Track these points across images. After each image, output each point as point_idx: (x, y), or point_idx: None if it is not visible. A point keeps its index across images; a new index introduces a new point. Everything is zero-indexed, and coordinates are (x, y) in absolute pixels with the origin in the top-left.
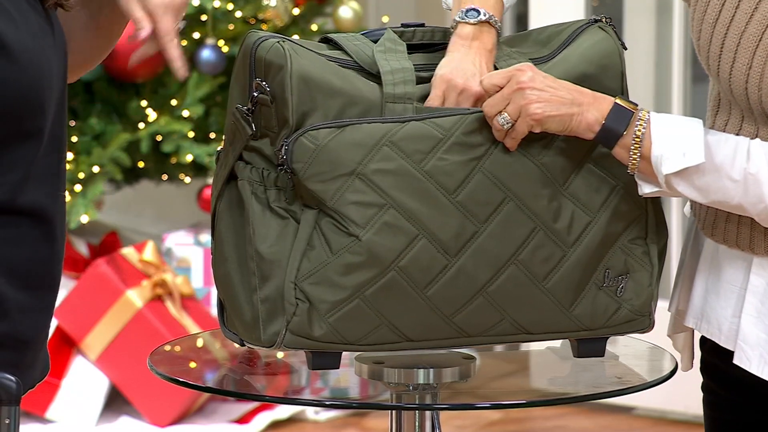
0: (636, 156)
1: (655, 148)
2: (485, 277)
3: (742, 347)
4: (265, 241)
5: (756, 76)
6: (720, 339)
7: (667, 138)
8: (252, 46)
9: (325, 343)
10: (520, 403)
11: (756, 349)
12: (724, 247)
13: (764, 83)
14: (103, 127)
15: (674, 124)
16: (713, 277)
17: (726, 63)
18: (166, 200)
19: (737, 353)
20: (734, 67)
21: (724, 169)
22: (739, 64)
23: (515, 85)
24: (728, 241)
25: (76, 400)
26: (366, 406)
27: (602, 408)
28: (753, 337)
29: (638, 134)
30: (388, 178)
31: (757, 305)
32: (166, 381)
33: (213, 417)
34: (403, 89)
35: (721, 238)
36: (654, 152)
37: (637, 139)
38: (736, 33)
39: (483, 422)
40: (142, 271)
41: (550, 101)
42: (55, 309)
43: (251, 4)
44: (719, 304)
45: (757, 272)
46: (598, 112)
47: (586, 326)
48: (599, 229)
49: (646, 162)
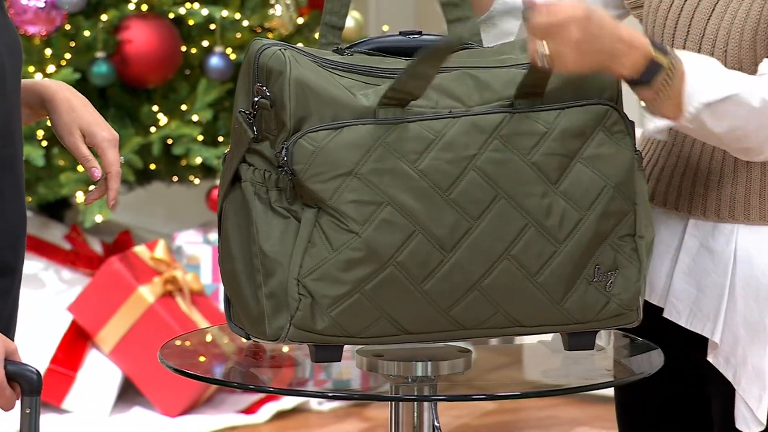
0: (663, 98)
1: (689, 84)
2: (479, 271)
3: (672, 302)
4: (269, 239)
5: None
6: (652, 297)
7: (699, 75)
8: (255, 53)
9: (327, 336)
10: (513, 394)
11: (685, 303)
12: (662, 210)
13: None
14: (117, 130)
15: (702, 62)
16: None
17: (680, 38)
18: (177, 201)
19: (667, 308)
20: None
21: (745, 98)
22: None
23: (563, 29)
24: (667, 204)
25: (90, 391)
26: (367, 397)
27: (592, 399)
28: (683, 293)
29: (666, 80)
30: (384, 177)
31: (689, 263)
32: (176, 374)
33: (221, 407)
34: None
35: (660, 202)
36: (687, 89)
37: (666, 82)
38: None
39: (478, 412)
40: (153, 268)
41: (589, 54)
42: (71, 304)
43: (258, 14)
44: (654, 265)
45: (692, 233)
46: (631, 65)
47: (577, 320)
48: (589, 226)
49: (671, 102)
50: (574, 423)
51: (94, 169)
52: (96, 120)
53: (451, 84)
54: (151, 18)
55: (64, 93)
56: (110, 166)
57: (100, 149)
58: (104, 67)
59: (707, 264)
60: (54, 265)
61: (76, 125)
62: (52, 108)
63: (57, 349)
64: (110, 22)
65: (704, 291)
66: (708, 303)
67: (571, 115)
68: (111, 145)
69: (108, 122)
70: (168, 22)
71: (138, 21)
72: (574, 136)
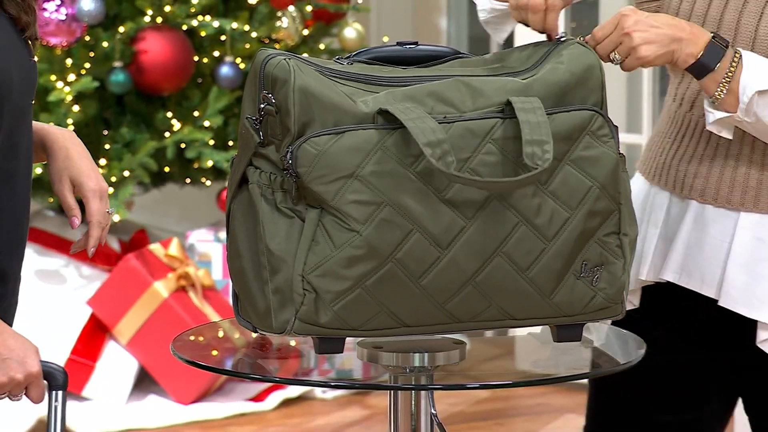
0: (723, 89)
1: (744, 75)
2: (473, 267)
3: (728, 292)
4: (275, 238)
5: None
6: (702, 288)
7: (754, 65)
8: (261, 63)
9: (330, 329)
10: (506, 383)
11: (740, 292)
12: (712, 207)
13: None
14: (133, 135)
15: (755, 55)
16: (697, 234)
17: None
18: (189, 201)
19: (722, 298)
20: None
21: None
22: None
23: (622, 30)
24: (718, 201)
25: (109, 380)
26: (367, 386)
27: (580, 387)
28: (739, 283)
29: (730, 72)
30: (383, 179)
31: (743, 254)
32: (188, 365)
33: (231, 395)
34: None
35: (711, 199)
36: (742, 79)
37: (729, 74)
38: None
39: (473, 400)
40: (167, 264)
41: (655, 41)
42: (90, 299)
43: (265, 26)
44: (702, 257)
45: (743, 226)
46: (694, 47)
47: (565, 313)
48: (577, 224)
49: (730, 93)
50: (563, 410)
51: (73, 219)
52: (86, 171)
53: (445, 91)
54: (166, 30)
55: (64, 142)
56: (91, 216)
57: (85, 199)
58: (121, 76)
59: (762, 254)
60: (74, 262)
61: (67, 174)
62: (49, 155)
63: (77, 340)
64: (127, 34)
65: (760, 280)
66: (764, 290)
67: (558, 120)
68: (95, 196)
69: (124, 128)
70: (181, 34)
71: (153, 32)
72: (562, 139)
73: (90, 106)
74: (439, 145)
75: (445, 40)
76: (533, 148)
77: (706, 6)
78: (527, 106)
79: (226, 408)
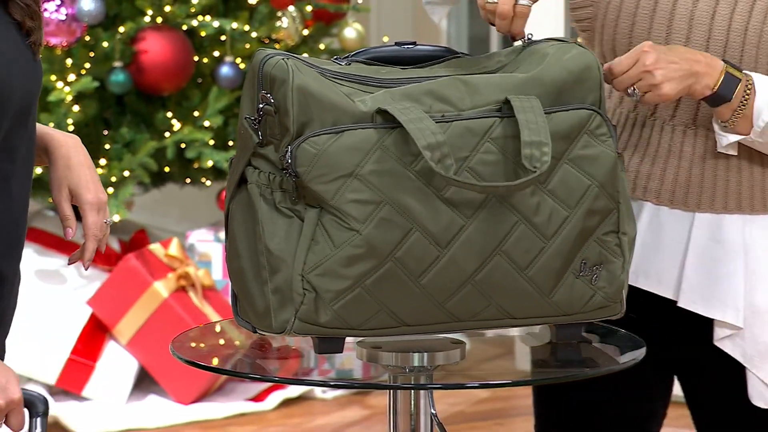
0: (739, 116)
1: (758, 99)
2: (473, 266)
3: (686, 293)
4: (274, 238)
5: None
6: (659, 289)
7: (766, 89)
8: (260, 63)
9: (330, 328)
10: (506, 382)
11: (699, 293)
12: (667, 208)
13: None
14: (133, 135)
15: (766, 78)
16: (652, 236)
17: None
18: (189, 201)
19: (682, 299)
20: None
21: None
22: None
23: (642, 67)
24: (674, 202)
25: (109, 380)
26: (367, 386)
27: None
28: (697, 283)
29: (745, 100)
30: (383, 178)
31: (700, 255)
32: (188, 365)
33: (231, 395)
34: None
35: (667, 200)
36: (757, 103)
37: (744, 102)
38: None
39: (473, 400)
40: (167, 264)
41: (675, 78)
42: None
43: (265, 26)
44: (658, 258)
45: (699, 227)
46: (711, 79)
47: (564, 312)
48: (576, 223)
49: (744, 118)
50: None
51: (68, 230)
52: (85, 182)
53: (443, 89)
54: (166, 30)
55: (67, 150)
56: (87, 228)
57: (82, 211)
58: (121, 76)
59: (718, 254)
60: None
61: (66, 183)
62: (51, 161)
63: (77, 340)
64: (127, 34)
65: (717, 280)
66: (722, 290)
67: (557, 119)
68: (93, 209)
69: (124, 128)
70: (181, 34)
71: (153, 33)
72: (561, 138)
73: (90, 106)
74: (439, 148)
75: (445, 40)
76: (532, 150)
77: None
78: (526, 106)
79: (226, 408)
